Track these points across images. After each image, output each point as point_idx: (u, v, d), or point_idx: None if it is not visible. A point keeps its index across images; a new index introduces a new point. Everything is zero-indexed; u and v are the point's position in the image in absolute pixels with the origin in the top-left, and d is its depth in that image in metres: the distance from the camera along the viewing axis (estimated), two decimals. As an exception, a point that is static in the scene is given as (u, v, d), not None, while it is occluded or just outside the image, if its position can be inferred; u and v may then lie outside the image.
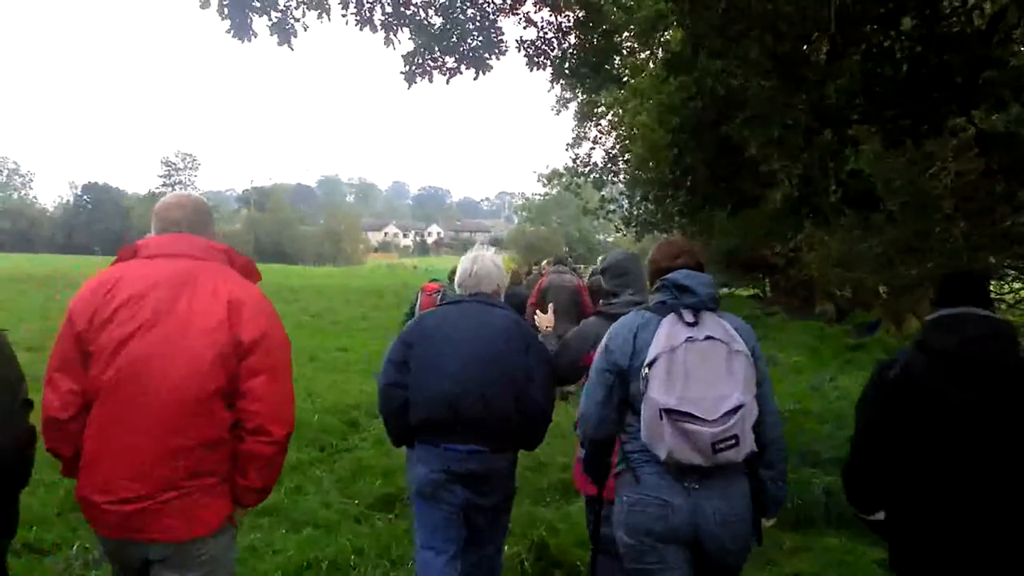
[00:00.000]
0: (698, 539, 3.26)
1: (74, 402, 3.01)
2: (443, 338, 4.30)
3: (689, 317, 3.30)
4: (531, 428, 4.32)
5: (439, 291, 8.90)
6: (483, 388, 4.15)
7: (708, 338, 3.25)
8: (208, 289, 3.05)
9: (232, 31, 9.05)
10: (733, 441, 3.14)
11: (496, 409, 4.16)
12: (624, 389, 3.39)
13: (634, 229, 28.82)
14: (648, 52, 15.93)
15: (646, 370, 3.23)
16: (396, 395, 4.32)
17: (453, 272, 6.72)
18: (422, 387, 4.23)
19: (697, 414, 3.13)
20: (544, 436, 4.45)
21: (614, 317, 3.73)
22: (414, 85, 10.05)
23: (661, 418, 3.16)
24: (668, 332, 3.27)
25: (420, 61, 10.01)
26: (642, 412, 3.26)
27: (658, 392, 3.18)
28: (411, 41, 9.95)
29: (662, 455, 3.21)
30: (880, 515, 3.47)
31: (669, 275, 3.48)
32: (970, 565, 3.15)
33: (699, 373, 3.19)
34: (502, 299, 4.67)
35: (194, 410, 2.94)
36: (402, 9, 9.77)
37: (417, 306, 8.52)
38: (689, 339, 3.23)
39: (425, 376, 4.24)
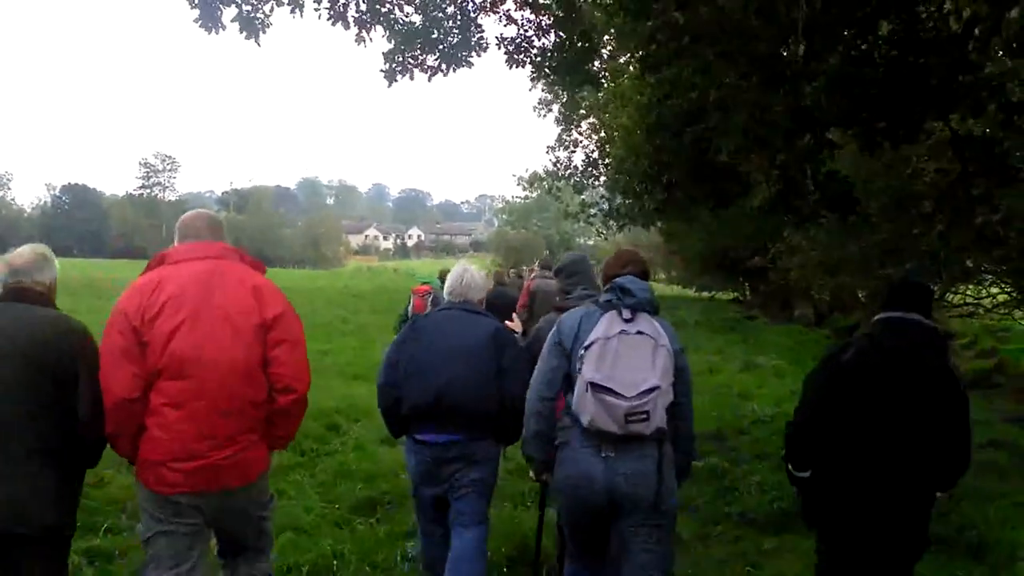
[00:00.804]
0: (613, 499, 3.87)
1: (138, 385, 3.57)
2: (432, 340, 4.91)
3: (627, 314, 3.94)
4: (509, 418, 4.66)
5: (429, 292, 9.36)
6: (464, 382, 4.71)
7: (639, 333, 3.89)
8: (234, 281, 3.77)
9: (200, 21, 8.97)
10: (644, 416, 3.75)
11: (476, 400, 4.71)
12: (568, 365, 4.02)
13: (613, 223, 28.98)
14: (628, 55, 15.94)
15: (583, 351, 3.89)
16: (391, 393, 4.92)
17: (444, 274, 7.26)
18: (411, 381, 4.82)
19: (617, 390, 3.75)
20: (521, 430, 4.66)
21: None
22: (395, 83, 10.03)
23: (587, 390, 3.79)
24: (607, 324, 3.92)
25: (400, 59, 9.98)
26: (576, 386, 3.90)
27: (589, 369, 3.82)
28: (386, 39, 9.91)
29: (585, 422, 3.83)
30: (806, 473, 4.17)
31: (616, 279, 4.13)
32: (872, 519, 3.97)
33: (626, 359, 3.83)
34: (484, 307, 5.32)
35: (246, 377, 3.67)
36: (377, 6, 9.72)
37: (410, 307, 8.56)
38: (623, 332, 3.89)
39: (415, 372, 4.83)
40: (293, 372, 3.81)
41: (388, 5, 9.81)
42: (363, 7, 9.73)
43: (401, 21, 9.87)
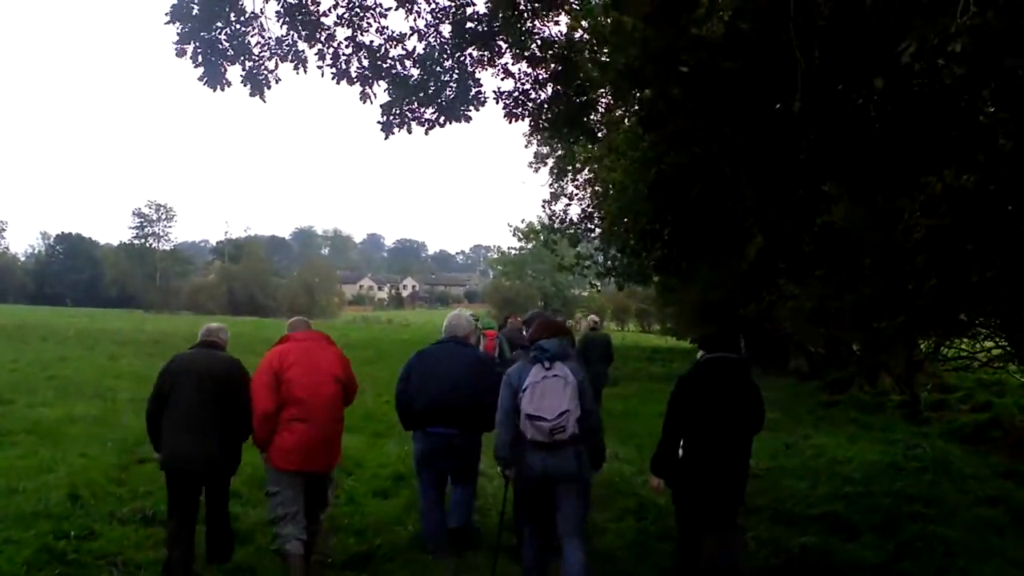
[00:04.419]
0: (547, 477, 5.99)
1: (274, 404, 6.42)
2: (432, 364, 7.30)
3: (547, 364, 6.07)
4: (486, 418, 6.74)
5: (497, 336, 11.42)
6: (456, 393, 7.02)
7: (555, 376, 6.00)
8: (326, 353, 6.79)
9: (205, 79, 9.02)
10: (562, 429, 5.85)
11: (463, 406, 6.96)
12: (515, 401, 6.08)
13: (612, 281, 29.04)
14: (624, 108, 16.05)
15: (521, 393, 6.02)
16: (403, 399, 7.30)
17: (501, 324, 12.86)
18: (418, 393, 7.16)
19: (544, 416, 5.86)
20: (493, 424, 6.71)
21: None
22: (391, 136, 10.07)
23: (526, 419, 5.93)
24: (534, 373, 6.06)
25: (398, 111, 10.02)
26: (521, 415, 5.99)
27: (525, 404, 5.95)
28: (387, 93, 9.96)
29: (528, 436, 5.94)
30: (679, 453, 6.43)
31: (540, 342, 6.23)
32: (711, 483, 6.24)
33: (548, 394, 5.93)
34: (472, 341, 8.02)
35: (333, 405, 6.68)
36: (379, 63, 9.79)
37: (482, 346, 10.10)
38: (544, 377, 6.01)
39: (421, 386, 7.17)
40: (352, 394, 6.99)
41: (389, 61, 9.89)
42: (364, 63, 9.81)
43: (400, 75, 9.93)
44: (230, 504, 7.05)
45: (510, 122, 10.81)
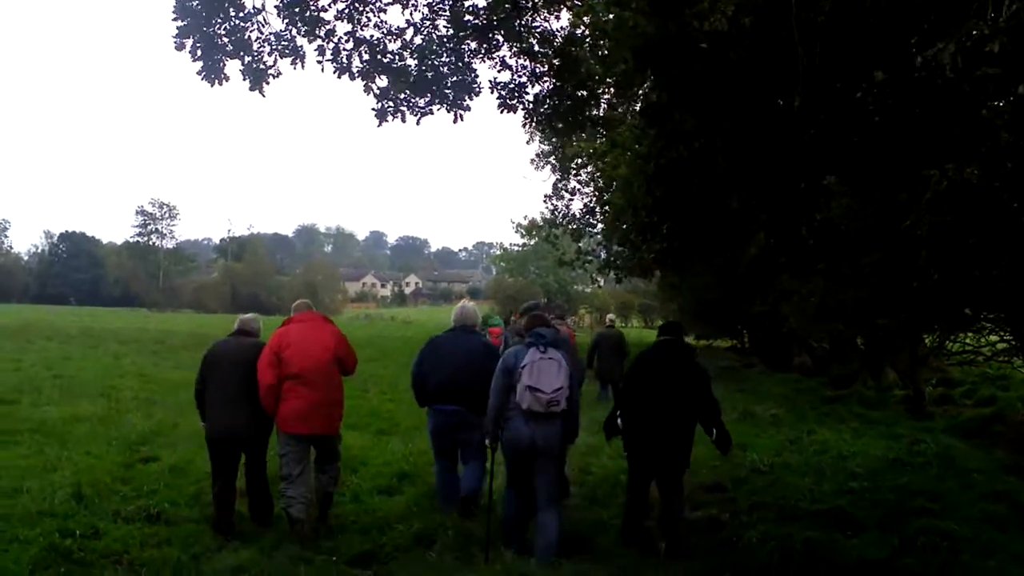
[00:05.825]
0: (535, 446, 6.91)
1: (275, 378, 7.42)
2: (444, 349, 8.29)
3: (543, 348, 6.95)
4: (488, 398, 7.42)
5: (501, 334, 11.85)
6: (464, 376, 7.93)
7: (550, 358, 6.90)
8: (324, 330, 7.83)
9: (203, 74, 9.01)
10: (557, 403, 6.80)
11: (470, 387, 7.77)
12: (510, 379, 6.98)
13: (612, 274, 28.98)
14: (627, 104, 16.01)
15: (520, 370, 6.87)
16: (419, 379, 8.34)
17: (505, 321, 13.43)
18: (432, 374, 8.19)
19: (541, 388, 6.75)
20: None
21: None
22: (385, 123, 10.08)
23: (526, 390, 6.78)
24: (532, 354, 6.93)
25: (392, 99, 10.01)
26: (517, 388, 6.87)
27: (525, 378, 6.81)
28: (387, 81, 9.97)
29: (524, 406, 6.82)
30: (619, 423, 7.72)
31: (536, 329, 7.25)
32: (651, 442, 7.39)
33: (544, 372, 6.82)
34: (477, 329, 8.96)
35: (328, 374, 7.64)
36: (379, 57, 9.80)
37: (488, 339, 10.42)
38: (541, 358, 6.88)
39: (434, 368, 8.20)
40: (350, 366, 7.96)
41: (389, 55, 9.89)
42: (365, 57, 9.81)
43: (399, 68, 9.94)
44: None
45: (502, 112, 10.82)
